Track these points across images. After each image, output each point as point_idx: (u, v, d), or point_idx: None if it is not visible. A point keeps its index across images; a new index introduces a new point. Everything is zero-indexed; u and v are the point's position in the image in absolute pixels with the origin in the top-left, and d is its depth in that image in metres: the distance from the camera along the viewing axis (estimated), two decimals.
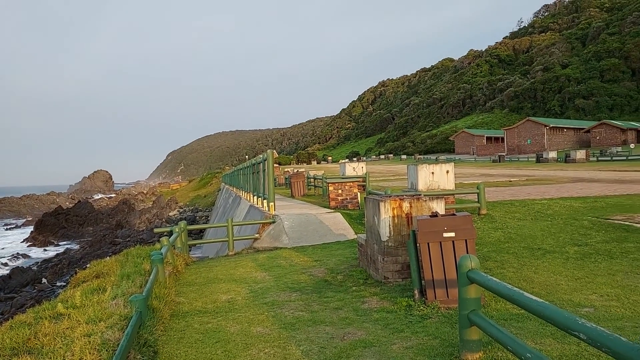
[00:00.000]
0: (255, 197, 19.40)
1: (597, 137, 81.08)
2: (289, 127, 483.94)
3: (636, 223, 9.45)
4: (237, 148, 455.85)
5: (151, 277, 6.49)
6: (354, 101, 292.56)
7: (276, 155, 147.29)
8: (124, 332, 4.69)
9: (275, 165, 54.23)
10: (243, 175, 26.79)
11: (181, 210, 60.89)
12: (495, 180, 24.93)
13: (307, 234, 12.81)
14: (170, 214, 57.05)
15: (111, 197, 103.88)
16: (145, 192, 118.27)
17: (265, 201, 16.20)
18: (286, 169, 49.24)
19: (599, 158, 49.98)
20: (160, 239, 9.11)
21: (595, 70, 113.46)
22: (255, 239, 13.39)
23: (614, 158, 48.21)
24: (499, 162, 61.04)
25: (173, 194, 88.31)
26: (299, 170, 39.23)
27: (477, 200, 12.42)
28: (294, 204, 19.34)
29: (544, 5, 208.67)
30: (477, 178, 27.24)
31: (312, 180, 26.29)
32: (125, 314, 5.47)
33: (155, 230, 13.76)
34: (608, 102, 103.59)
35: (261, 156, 17.36)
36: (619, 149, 61.16)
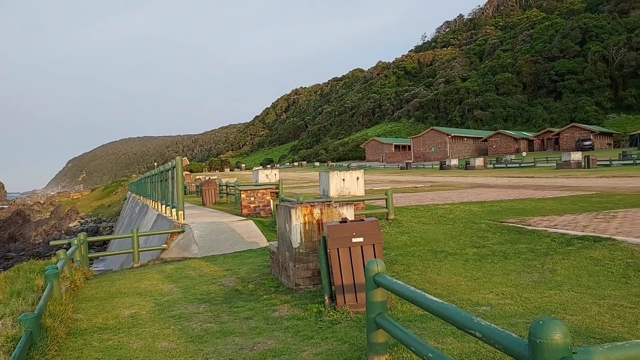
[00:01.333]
0: (164, 206, 18.68)
1: (494, 146, 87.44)
2: (200, 134, 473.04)
3: (527, 225, 10.24)
4: (145, 155, 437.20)
5: (44, 293, 5.99)
6: (267, 108, 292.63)
7: (187, 162, 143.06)
8: (10, 355, 4.27)
9: (186, 172, 52.66)
10: (151, 183, 25.70)
11: (82, 221, 57.28)
12: (402, 186, 25.97)
13: (218, 242, 12.52)
14: (71, 225, 53.40)
15: (3, 209, 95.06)
16: (42, 202, 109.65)
17: (174, 210, 15.64)
18: (197, 177, 48.00)
19: (495, 165, 53.84)
20: (57, 252, 8.46)
21: (492, 84, 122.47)
22: (163, 250, 12.87)
23: (508, 165, 52.15)
24: (407, 169, 63.77)
25: (74, 204, 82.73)
26: (211, 177, 38.37)
27: (385, 205, 12.84)
28: (204, 212, 18.86)
29: (445, 22, 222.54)
30: (386, 184, 28.22)
31: (224, 187, 25.81)
32: (13, 334, 4.99)
33: (52, 242, 12.80)
34: (503, 113, 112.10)
35: (170, 163, 16.75)
36: (513, 156, 66.33)
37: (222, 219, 15.41)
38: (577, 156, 39.31)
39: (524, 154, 75.58)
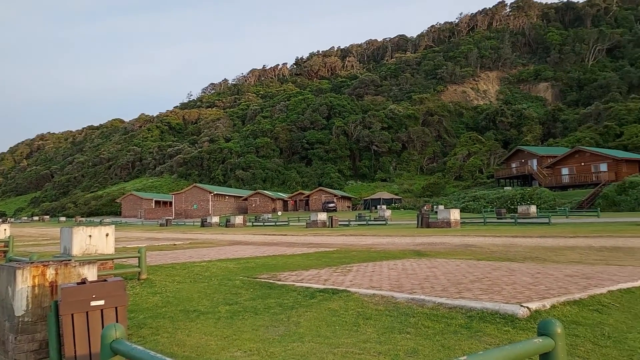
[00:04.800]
0: None
1: (253, 205, 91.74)
2: None
3: (278, 280, 10.78)
4: None
5: None
6: (3, 153, 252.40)
7: None
8: None
9: None
10: None
11: None
12: (160, 244, 24.93)
13: None
14: None
15: None
16: None
17: None
18: None
19: (254, 223, 56.27)
20: None
21: (252, 146, 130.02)
22: None
23: (265, 223, 55.05)
24: (167, 225, 61.74)
25: None
26: None
27: (137, 264, 12.04)
28: None
29: (210, 84, 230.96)
30: (143, 242, 26.69)
31: None
32: None
33: None
34: (262, 174, 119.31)
35: None
36: (270, 215, 70.40)
37: None
38: (323, 217, 43.91)
39: (279, 213, 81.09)
